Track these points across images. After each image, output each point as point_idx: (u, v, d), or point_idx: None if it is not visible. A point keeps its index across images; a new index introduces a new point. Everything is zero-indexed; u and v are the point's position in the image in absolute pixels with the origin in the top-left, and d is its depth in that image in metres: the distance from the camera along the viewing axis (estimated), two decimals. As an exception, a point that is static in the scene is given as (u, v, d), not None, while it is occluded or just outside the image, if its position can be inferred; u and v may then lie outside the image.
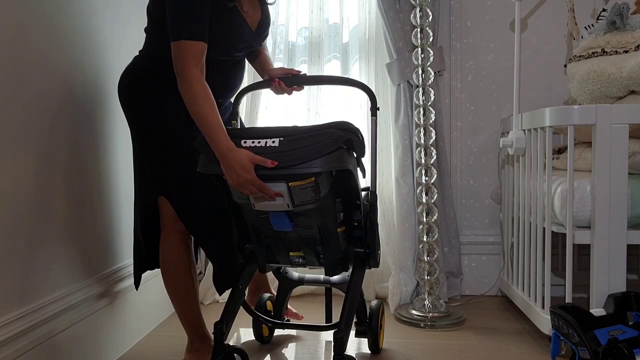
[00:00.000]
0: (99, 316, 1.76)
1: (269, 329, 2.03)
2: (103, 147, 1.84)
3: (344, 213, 1.61)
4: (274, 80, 1.79)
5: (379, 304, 1.91)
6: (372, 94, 1.76)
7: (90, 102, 1.77)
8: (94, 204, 1.78)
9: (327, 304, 1.97)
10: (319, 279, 1.95)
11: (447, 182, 2.52)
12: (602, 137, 1.73)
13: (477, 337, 2.05)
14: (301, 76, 1.81)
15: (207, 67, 1.56)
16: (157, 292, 2.21)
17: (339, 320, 1.52)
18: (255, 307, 1.99)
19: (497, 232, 2.62)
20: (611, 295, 1.72)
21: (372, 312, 1.88)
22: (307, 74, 1.82)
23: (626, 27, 1.96)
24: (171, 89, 1.55)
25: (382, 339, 1.97)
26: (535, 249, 1.96)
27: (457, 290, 2.58)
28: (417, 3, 2.27)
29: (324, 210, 1.53)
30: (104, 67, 1.86)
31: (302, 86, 1.83)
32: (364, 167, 1.62)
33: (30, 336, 1.43)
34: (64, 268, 1.61)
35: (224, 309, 1.59)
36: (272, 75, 1.82)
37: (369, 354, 1.90)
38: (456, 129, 2.64)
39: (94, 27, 1.79)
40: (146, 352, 1.92)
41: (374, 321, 1.86)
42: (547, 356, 1.85)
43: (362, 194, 1.65)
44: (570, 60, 2.14)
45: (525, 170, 2.07)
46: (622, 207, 1.74)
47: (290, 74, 1.80)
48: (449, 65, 2.62)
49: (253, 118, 2.60)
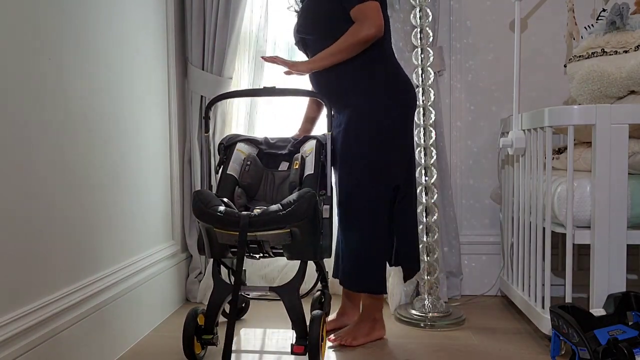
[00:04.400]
0: (99, 316, 1.76)
1: (201, 346, 1.84)
2: (108, 145, 1.84)
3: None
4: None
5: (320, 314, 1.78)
6: (328, 105, 1.91)
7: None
8: (95, 203, 1.78)
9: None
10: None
11: (447, 182, 2.52)
12: (602, 137, 1.73)
13: (477, 337, 2.05)
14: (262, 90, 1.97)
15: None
16: (157, 292, 2.21)
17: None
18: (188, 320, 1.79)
19: (497, 232, 2.62)
20: (611, 295, 1.72)
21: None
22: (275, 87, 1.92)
23: (626, 27, 1.96)
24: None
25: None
26: (535, 249, 1.96)
27: (457, 290, 2.58)
28: (417, 3, 2.27)
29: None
30: (107, 67, 1.86)
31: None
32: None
33: (30, 336, 1.43)
34: (64, 268, 1.61)
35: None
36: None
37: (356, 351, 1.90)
38: (456, 129, 2.64)
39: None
40: (146, 352, 1.92)
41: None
42: (547, 356, 1.85)
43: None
44: (570, 60, 2.14)
45: (525, 170, 2.07)
46: (622, 207, 1.73)
47: (273, 61, 1.95)
48: (449, 65, 2.62)
49: (253, 119, 2.60)
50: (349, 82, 1.96)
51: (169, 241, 2.41)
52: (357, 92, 1.95)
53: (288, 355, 1.87)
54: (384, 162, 1.94)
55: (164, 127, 2.35)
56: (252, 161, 2.00)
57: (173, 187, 2.44)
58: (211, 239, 1.75)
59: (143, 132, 2.13)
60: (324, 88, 2.01)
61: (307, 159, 1.94)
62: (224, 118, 2.53)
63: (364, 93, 1.94)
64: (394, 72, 2.00)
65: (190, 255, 2.58)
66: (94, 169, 1.77)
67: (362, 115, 1.94)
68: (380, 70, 1.96)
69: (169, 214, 2.42)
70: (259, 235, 1.68)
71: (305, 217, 1.67)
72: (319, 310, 1.82)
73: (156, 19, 2.27)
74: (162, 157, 2.33)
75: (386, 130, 1.94)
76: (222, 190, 1.91)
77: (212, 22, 2.43)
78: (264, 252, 1.77)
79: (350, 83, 1.96)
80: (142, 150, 2.12)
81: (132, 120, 2.04)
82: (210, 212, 1.68)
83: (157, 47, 2.29)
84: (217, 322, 1.81)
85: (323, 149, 1.93)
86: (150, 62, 2.22)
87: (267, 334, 2.10)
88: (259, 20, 2.58)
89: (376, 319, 2.04)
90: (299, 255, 1.78)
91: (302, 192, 1.69)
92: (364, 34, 1.88)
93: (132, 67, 2.04)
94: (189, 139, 2.53)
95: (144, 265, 2.10)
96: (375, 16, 1.88)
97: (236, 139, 2.05)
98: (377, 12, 1.89)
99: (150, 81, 2.21)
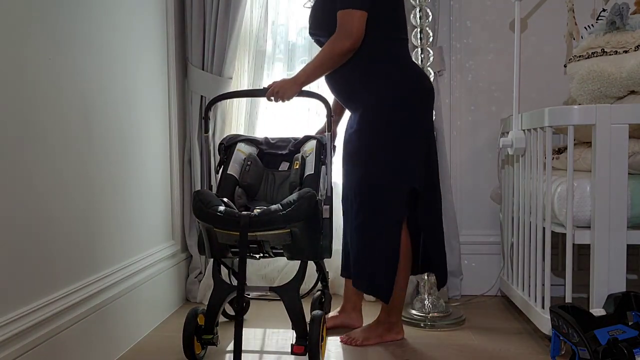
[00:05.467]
0: (99, 316, 1.76)
1: (201, 346, 1.84)
2: (108, 145, 1.84)
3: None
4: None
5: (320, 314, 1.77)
6: (328, 104, 1.92)
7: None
8: (95, 203, 1.78)
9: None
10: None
11: (447, 182, 2.52)
12: (602, 137, 1.73)
13: (476, 337, 2.05)
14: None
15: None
16: (157, 292, 2.21)
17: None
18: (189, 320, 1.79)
19: (497, 232, 2.62)
20: (611, 295, 1.72)
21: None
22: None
23: (626, 27, 1.96)
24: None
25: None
26: (535, 249, 1.96)
27: (457, 290, 2.58)
28: (417, 3, 2.27)
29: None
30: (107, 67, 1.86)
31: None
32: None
33: (30, 336, 1.43)
34: (64, 268, 1.61)
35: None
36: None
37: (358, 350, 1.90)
38: (456, 129, 2.64)
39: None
40: (146, 352, 1.92)
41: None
42: (547, 356, 1.85)
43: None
44: (570, 60, 2.14)
45: (525, 170, 2.07)
46: (622, 207, 1.73)
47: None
48: (449, 65, 2.62)
49: (253, 119, 2.60)
50: (359, 83, 1.95)
51: (169, 241, 2.41)
52: (368, 92, 1.93)
53: (288, 355, 1.87)
54: (399, 162, 1.91)
55: (164, 127, 2.35)
56: (253, 161, 2.00)
57: (173, 187, 2.44)
58: (211, 239, 1.76)
59: (143, 132, 2.13)
60: (336, 89, 2.01)
61: (308, 159, 1.94)
62: (224, 118, 2.53)
63: (374, 92, 1.92)
64: (405, 70, 1.97)
65: (190, 255, 2.58)
66: (93, 169, 1.77)
67: (374, 115, 1.92)
68: (389, 69, 1.94)
69: (169, 213, 2.42)
70: (259, 235, 1.68)
71: (306, 217, 1.67)
72: (319, 310, 1.82)
73: (156, 19, 2.27)
74: (162, 157, 2.33)
75: (398, 129, 1.91)
76: (223, 190, 1.91)
77: (212, 22, 2.43)
78: (264, 252, 1.77)
79: (360, 83, 1.95)
80: (142, 150, 2.12)
81: (132, 120, 2.04)
82: (210, 212, 1.68)
83: (157, 47, 2.29)
84: (217, 322, 1.81)
85: (323, 149, 1.93)
86: (150, 62, 2.22)
87: (267, 334, 2.10)
88: (259, 20, 2.58)
89: (392, 322, 2.02)
90: (299, 255, 1.78)
91: (302, 192, 1.69)
92: (338, 48, 1.85)
93: (132, 67, 2.04)
94: (189, 139, 2.53)
95: (144, 265, 2.10)
96: (352, 25, 1.83)
97: (236, 139, 2.06)
98: (354, 20, 1.83)
99: (150, 81, 2.21)
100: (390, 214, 1.91)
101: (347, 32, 1.84)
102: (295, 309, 1.73)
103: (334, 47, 1.86)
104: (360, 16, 1.84)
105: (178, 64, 2.47)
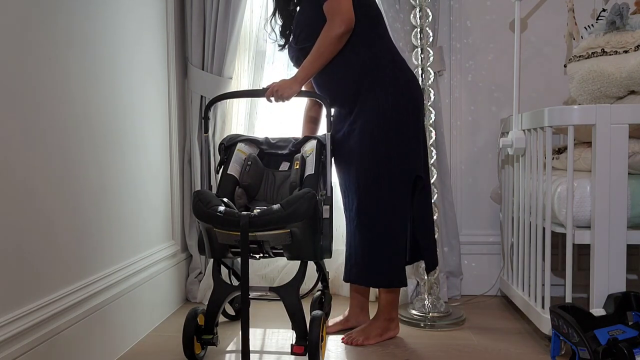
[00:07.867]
0: (99, 316, 1.76)
1: (201, 346, 1.84)
2: (108, 145, 1.84)
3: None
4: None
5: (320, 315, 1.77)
6: (328, 104, 1.93)
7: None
8: (95, 203, 1.78)
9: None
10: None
11: (447, 182, 2.52)
12: (602, 137, 1.73)
13: (476, 337, 2.05)
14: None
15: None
16: (157, 292, 2.21)
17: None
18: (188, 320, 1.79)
19: (497, 232, 2.62)
20: (611, 295, 1.72)
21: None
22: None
23: (626, 27, 1.96)
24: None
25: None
26: (535, 249, 1.96)
27: (457, 290, 2.58)
28: (417, 3, 2.27)
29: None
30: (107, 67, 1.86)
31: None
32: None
33: (30, 336, 1.43)
34: (64, 267, 1.61)
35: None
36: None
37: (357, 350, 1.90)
38: (456, 129, 2.64)
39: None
40: (146, 352, 1.92)
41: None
42: (547, 356, 1.85)
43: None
44: (570, 60, 2.14)
45: (525, 170, 2.07)
46: (622, 207, 1.73)
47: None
48: (449, 65, 2.62)
49: (253, 119, 2.61)
50: (353, 82, 1.96)
51: (169, 241, 2.41)
52: (365, 90, 1.95)
53: (288, 355, 1.87)
54: (404, 154, 1.95)
55: (164, 127, 2.35)
56: (253, 161, 2.00)
57: (173, 187, 2.44)
58: (211, 239, 1.76)
59: (143, 132, 2.13)
60: (331, 90, 2.01)
61: (308, 159, 1.94)
62: (224, 118, 2.53)
63: (371, 89, 1.95)
64: (398, 64, 2.00)
65: (190, 255, 2.58)
66: (94, 169, 1.77)
67: (373, 111, 1.94)
68: (380, 63, 1.97)
69: (169, 213, 2.42)
70: (259, 235, 1.68)
71: (306, 217, 1.67)
72: (319, 310, 1.82)
73: (156, 19, 2.27)
74: (162, 157, 2.33)
75: (399, 123, 1.94)
76: (223, 190, 1.91)
77: (212, 22, 2.43)
78: (264, 252, 1.77)
79: (355, 82, 1.96)
80: (142, 150, 2.12)
81: (132, 120, 2.04)
82: (210, 212, 1.68)
83: (157, 47, 2.29)
84: (217, 322, 1.81)
85: (323, 149, 1.93)
86: (150, 62, 2.22)
87: (267, 334, 2.11)
88: (259, 20, 2.58)
89: (392, 318, 2.04)
90: (299, 256, 1.78)
91: (302, 192, 1.69)
92: (334, 33, 1.89)
93: (132, 67, 2.04)
94: (189, 139, 2.53)
95: (144, 265, 2.10)
96: (343, 10, 1.89)
97: (237, 139, 2.06)
98: (343, 4, 1.89)
99: (150, 81, 2.21)
100: (399, 200, 1.95)
101: (339, 17, 1.88)
102: (295, 309, 1.73)
103: (329, 34, 1.89)
104: (348, 0, 1.90)
105: (178, 64, 2.48)
